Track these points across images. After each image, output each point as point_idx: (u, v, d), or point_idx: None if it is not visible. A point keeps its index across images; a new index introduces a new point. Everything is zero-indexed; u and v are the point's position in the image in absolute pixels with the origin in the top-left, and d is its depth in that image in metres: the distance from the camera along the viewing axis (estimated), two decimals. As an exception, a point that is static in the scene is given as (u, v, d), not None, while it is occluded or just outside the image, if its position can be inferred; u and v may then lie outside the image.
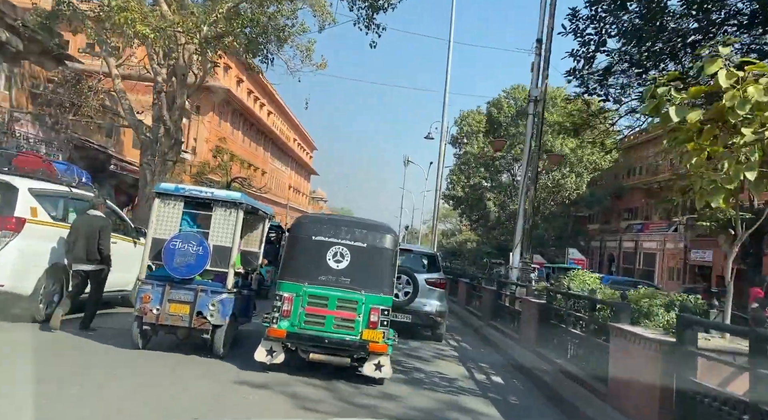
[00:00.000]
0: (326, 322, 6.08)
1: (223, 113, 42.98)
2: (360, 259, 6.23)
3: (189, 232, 6.52)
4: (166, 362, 6.23)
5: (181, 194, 6.61)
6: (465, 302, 15.26)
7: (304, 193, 75.91)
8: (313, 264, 6.21)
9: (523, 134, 41.33)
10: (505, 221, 44.13)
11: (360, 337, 6.06)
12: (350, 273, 6.17)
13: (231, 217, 6.49)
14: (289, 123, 63.72)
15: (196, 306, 6.24)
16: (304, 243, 6.34)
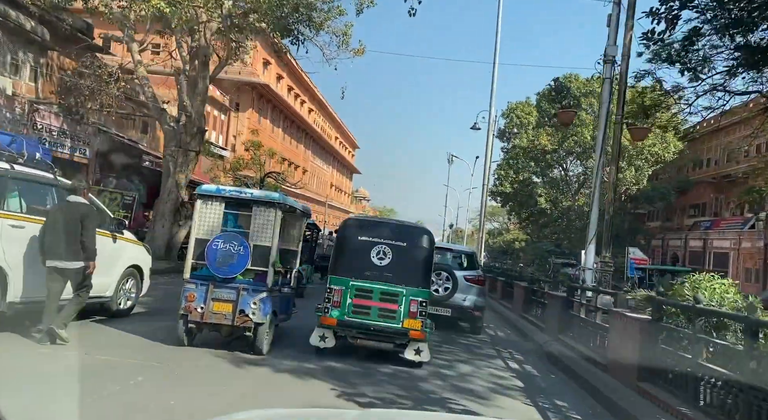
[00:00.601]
0: (371, 312, 6.80)
1: (263, 110, 41.69)
2: (400, 257, 6.94)
3: (230, 233, 6.59)
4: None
5: (222, 195, 6.73)
6: (522, 309, 12.83)
7: (346, 192, 74.36)
8: (359, 261, 6.91)
9: (578, 126, 38.27)
10: (557, 218, 41.03)
11: (401, 326, 6.75)
12: (392, 269, 6.87)
13: (270, 217, 6.60)
14: (330, 121, 62.21)
15: (238, 304, 6.38)
16: (351, 242, 7.10)
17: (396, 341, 6.94)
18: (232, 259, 6.41)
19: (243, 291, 6.42)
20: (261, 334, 6.49)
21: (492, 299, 18.10)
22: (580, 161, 41.65)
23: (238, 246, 6.43)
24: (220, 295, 6.42)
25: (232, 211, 6.77)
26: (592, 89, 40.02)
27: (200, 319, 6.40)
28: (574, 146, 38.27)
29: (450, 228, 62.24)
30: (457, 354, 8.61)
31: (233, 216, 6.79)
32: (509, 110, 43.26)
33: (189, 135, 16.34)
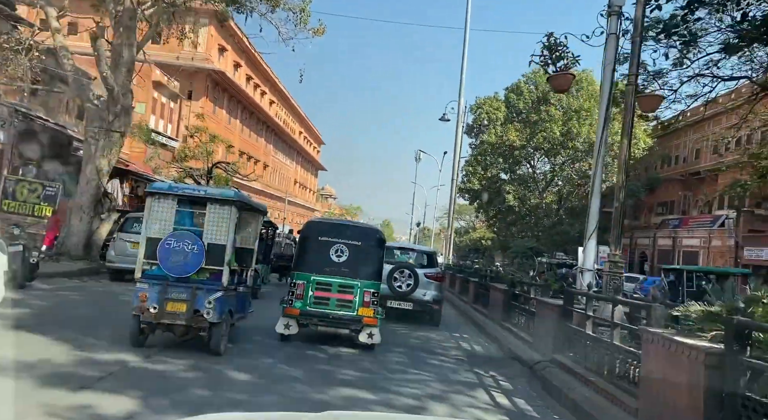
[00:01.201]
0: (330, 303, 7.70)
1: (218, 99, 38.81)
2: (355, 254, 7.83)
3: (184, 231, 6.39)
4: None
5: (175, 192, 6.53)
6: (502, 317, 10.77)
7: (311, 189, 71.64)
8: (320, 258, 7.76)
9: (546, 121, 36.81)
10: (525, 216, 39.55)
11: (356, 314, 7.68)
12: (348, 265, 7.77)
13: (225, 215, 6.39)
14: (293, 114, 59.46)
15: (193, 304, 6.17)
16: (313, 242, 8.01)
17: (351, 327, 7.72)
18: (185, 258, 6.22)
19: (197, 290, 6.22)
20: (216, 334, 6.32)
21: (464, 302, 16.05)
22: (548, 158, 40.34)
23: (192, 245, 6.24)
24: (174, 295, 6.20)
25: (186, 209, 6.58)
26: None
27: (153, 319, 6.18)
28: (542, 142, 36.82)
29: (417, 226, 60.37)
30: (428, 384, 6.47)
31: (187, 214, 6.61)
32: (477, 105, 41.50)
33: (112, 113, 13.73)
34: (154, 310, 6.09)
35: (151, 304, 6.10)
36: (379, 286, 7.94)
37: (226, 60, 39.83)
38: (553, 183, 42.03)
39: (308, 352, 7.40)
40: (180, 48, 37.07)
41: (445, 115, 26.90)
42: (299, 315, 7.54)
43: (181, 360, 6.06)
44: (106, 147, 13.86)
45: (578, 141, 35.66)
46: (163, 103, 31.42)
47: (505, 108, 40.62)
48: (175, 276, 6.22)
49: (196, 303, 6.14)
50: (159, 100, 30.94)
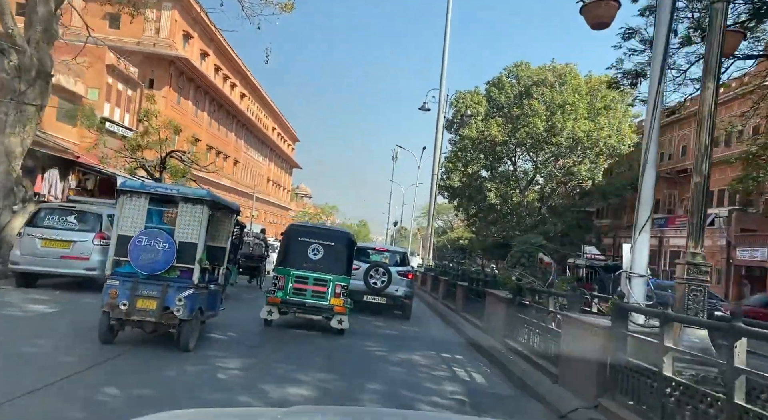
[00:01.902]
0: (307, 294, 8.78)
1: (183, 89, 35.87)
2: (329, 253, 8.94)
3: (155, 229, 6.35)
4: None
5: (146, 191, 6.47)
6: (506, 330, 8.41)
7: (285, 187, 68.76)
8: (299, 256, 8.89)
9: (528, 116, 34.84)
10: (507, 215, 37.55)
11: (329, 303, 8.73)
12: (322, 261, 8.86)
13: (197, 214, 6.35)
14: (267, 109, 56.61)
15: (163, 301, 6.16)
16: (293, 242, 9.10)
17: (324, 315, 8.93)
18: (156, 256, 6.19)
19: (168, 288, 6.20)
20: (186, 331, 6.32)
21: (450, 309, 13.72)
22: (531, 154, 38.45)
23: (163, 243, 6.22)
24: (144, 292, 6.17)
25: (157, 207, 6.61)
26: (545, 78, 36.93)
27: (124, 316, 6.14)
28: (525, 138, 34.85)
29: (394, 226, 58.05)
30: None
31: (158, 212, 6.66)
32: (457, 99, 39.34)
33: (24, 81, 11.01)
34: (124, 306, 6.07)
35: (121, 301, 6.08)
36: (348, 280, 9.06)
37: (192, 48, 36.93)
38: (534, 181, 40.23)
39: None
40: (141, 33, 34.22)
41: (425, 104, 24.66)
42: (280, 303, 8.72)
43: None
44: (17, 123, 11.14)
45: (562, 136, 33.78)
46: (120, 90, 28.43)
47: (486, 102, 38.62)
48: (145, 273, 6.22)
49: (166, 300, 6.14)
50: (114, 87, 27.94)
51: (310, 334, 8.80)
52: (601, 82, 34.85)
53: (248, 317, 9.51)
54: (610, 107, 34.63)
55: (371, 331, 10.00)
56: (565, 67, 36.71)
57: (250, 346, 7.42)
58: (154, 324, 6.19)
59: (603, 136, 33.15)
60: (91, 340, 6.22)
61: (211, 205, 6.54)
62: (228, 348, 7.18)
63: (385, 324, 11.21)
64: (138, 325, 6.28)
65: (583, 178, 34.38)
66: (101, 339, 6.22)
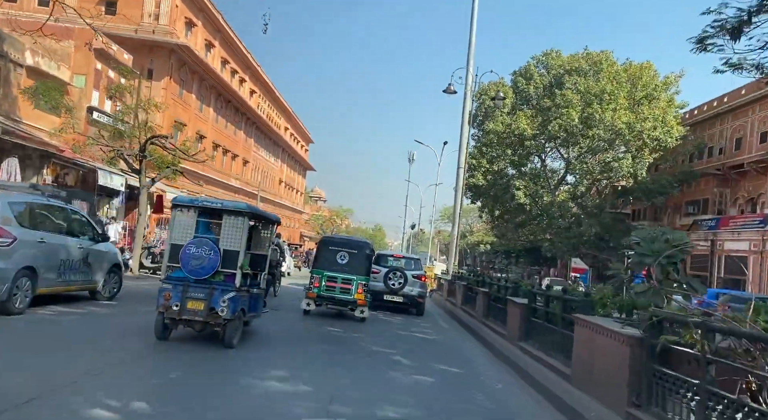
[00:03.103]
0: (336, 290, 10.95)
1: (186, 82, 32.72)
2: (353, 258, 11.18)
3: (202, 238, 6.88)
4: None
5: (195, 205, 7.10)
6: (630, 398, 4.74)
7: (298, 190, 65.48)
8: (330, 261, 11.16)
9: (561, 107, 30.99)
10: (537, 216, 33.64)
11: (353, 297, 10.92)
12: (348, 265, 11.09)
13: (238, 224, 6.92)
14: (278, 108, 53.44)
15: (210, 303, 6.66)
16: (325, 250, 11.39)
17: (349, 306, 11.05)
18: (203, 262, 6.71)
19: (214, 291, 6.69)
20: (230, 330, 6.81)
21: (498, 335, 10.02)
22: (563, 149, 34.58)
23: (209, 250, 6.73)
24: (193, 295, 6.68)
25: (205, 219, 7.12)
26: (578, 66, 33.10)
27: (176, 315, 6.66)
28: (558, 131, 30.98)
29: (412, 228, 54.37)
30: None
31: (205, 223, 7.14)
32: (481, 92, 35.60)
33: None
34: (176, 307, 6.60)
35: (174, 303, 6.61)
36: (368, 279, 11.41)
37: (196, 37, 33.82)
38: (564, 180, 36.32)
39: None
40: (139, 20, 31.21)
41: (450, 85, 21.05)
42: (316, 297, 11.03)
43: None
44: None
45: (600, 128, 29.88)
46: (111, 78, 25.32)
47: (513, 94, 34.88)
48: (194, 278, 6.71)
49: (212, 302, 6.63)
50: (104, 74, 24.81)
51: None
52: (643, 68, 30.98)
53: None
54: (653, 96, 30.68)
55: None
56: (601, 55, 32.84)
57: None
58: (201, 323, 6.76)
59: (647, 127, 29.19)
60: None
61: (251, 216, 7.12)
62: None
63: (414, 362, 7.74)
64: (188, 324, 6.84)
65: (625, 174, 30.39)
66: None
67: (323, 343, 8.36)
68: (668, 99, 30.61)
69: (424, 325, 12.36)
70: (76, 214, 8.88)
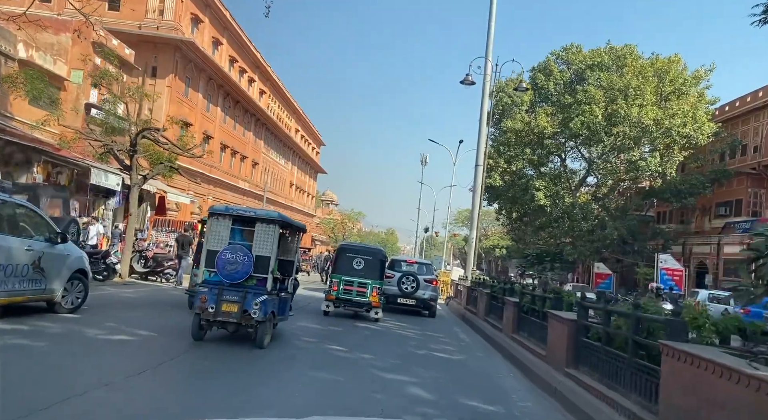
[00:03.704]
0: (353, 292, 11.83)
1: (192, 79, 31.40)
2: (368, 264, 12.05)
3: (236, 245, 7.18)
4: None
5: (230, 213, 7.40)
6: None
7: (310, 193, 64.05)
8: (347, 266, 12.03)
9: (583, 103, 29.11)
10: (559, 218, 31.67)
11: (368, 299, 11.82)
12: (363, 270, 11.93)
13: (270, 232, 7.23)
14: (289, 110, 52.10)
15: (243, 305, 6.93)
16: (343, 256, 12.25)
17: (365, 308, 11.92)
18: (238, 267, 7.00)
19: (247, 294, 6.97)
20: (262, 331, 7.09)
21: (544, 359, 8.27)
22: (586, 148, 32.63)
23: (243, 256, 7.03)
24: (228, 297, 6.95)
25: (239, 227, 7.40)
26: (600, 61, 31.20)
27: (211, 317, 6.94)
28: (580, 128, 29.05)
29: (426, 232, 52.58)
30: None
31: (239, 231, 7.41)
32: (498, 89, 33.79)
33: None
34: (212, 309, 6.89)
35: (210, 305, 6.90)
36: (382, 283, 12.22)
37: (202, 34, 32.52)
38: (585, 181, 34.34)
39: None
40: (143, 16, 29.98)
41: (468, 76, 19.35)
42: (335, 300, 11.84)
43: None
44: None
45: (625, 125, 27.94)
46: (98, 65, 23.97)
47: (532, 91, 33.04)
48: (229, 282, 7.00)
49: (245, 304, 6.92)
50: (104, 69, 23.48)
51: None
52: (671, 62, 28.99)
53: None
54: (682, 91, 28.66)
55: None
56: (624, 49, 30.92)
57: None
58: (235, 324, 7.08)
59: (676, 123, 27.18)
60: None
61: (282, 224, 7.53)
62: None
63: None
64: (222, 326, 7.16)
65: (652, 173, 28.38)
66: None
67: (324, 368, 6.72)
68: (698, 94, 28.57)
69: (443, 340, 10.67)
70: (23, 209, 7.32)
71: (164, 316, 9.16)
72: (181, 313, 9.32)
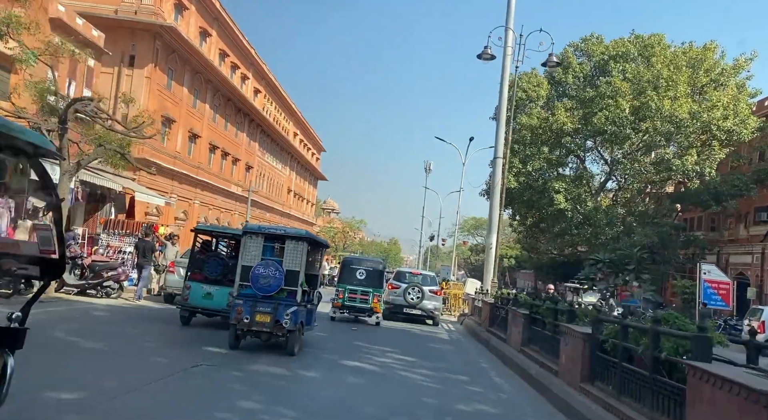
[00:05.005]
0: (357, 300, 13.26)
1: (175, 71, 28.10)
2: (369, 274, 13.54)
3: (269, 260, 7.69)
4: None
5: (263, 232, 8.03)
6: None
7: (309, 201, 60.58)
8: (351, 276, 13.52)
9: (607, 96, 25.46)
10: (581, 224, 28.06)
11: (370, 306, 13.27)
12: (365, 280, 13.41)
13: (299, 248, 7.75)
14: (287, 112, 48.84)
15: (275, 316, 7.44)
16: (348, 268, 13.87)
17: (367, 313, 13.38)
18: (270, 281, 7.52)
19: (279, 305, 7.48)
20: (292, 339, 7.58)
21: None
22: (603, 149, 29.18)
23: (275, 271, 7.54)
24: (261, 309, 7.46)
25: (270, 244, 7.91)
26: (626, 50, 27.84)
27: (246, 327, 7.49)
28: (605, 123, 25.60)
29: (431, 240, 48.97)
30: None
31: (270, 247, 7.92)
32: (511, 84, 30.30)
33: None
34: (247, 320, 7.40)
35: (245, 316, 7.39)
36: (382, 291, 13.75)
37: (188, 23, 29.28)
38: (607, 183, 30.82)
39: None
40: (119, 0, 26.82)
41: (487, 49, 15.97)
42: (341, 306, 13.28)
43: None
44: None
45: (657, 119, 24.48)
46: (89, 66, 20.69)
47: (548, 85, 29.70)
48: (262, 294, 7.52)
49: (277, 315, 7.40)
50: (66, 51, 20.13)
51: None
52: (707, 50, 25.59)
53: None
54: (719, 82, 25.24)
55: None
56: (652, 38, 27.55)
57: None
58: (268, 334, 7.56)
59: (716, 117, 23.69)
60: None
61: (309, 242, 8.00)
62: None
63: None
64: (256, 335, 7.66)
65: (689, 173, 24.82)
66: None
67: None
68: (739, 85, 25.12)
69: (471, 388, 7.08)
70: None
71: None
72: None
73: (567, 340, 6.91)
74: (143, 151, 25.55)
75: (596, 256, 7.59)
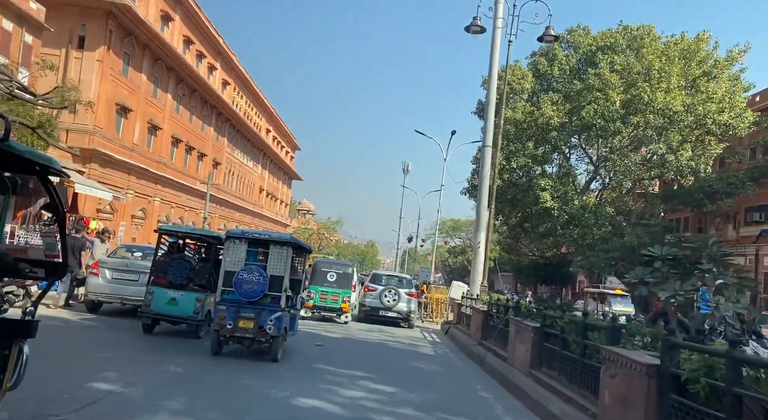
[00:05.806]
0: (327, 301, 14.09)
1: (133, 56, 25.43)
2: (339, 276, 14.36)
3: (252, 265, 7.50)
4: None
5: (246, 236, 7.75)
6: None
7: (283, 201, 57.88)
8: (322, 278, 14.21)
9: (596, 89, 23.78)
10: (567, 224, 26.31)
11: (339, 306, 14.14)
12: (336, 282, 14.20)
13: (283, 253, 7.58)
14: (259, 107, 46.24)
15: (258, 321, 7.27)
16: (318, 271, 14.41)
17: (337, 313, 14.25)
18: (254, 286, 7.32)
19: (262, 311, 7.31)
20: (276, 345, 7.45)
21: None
22: (593, 145, 27.56)
23: (259, 276, 7.36)
24: (244, 314, 7.27)
25: (254, 249, 7.75)
26: (614, 41, 26.30)
27: (229, 333, 7.31)
28: (593, 117, 23.91)
29: (409, 241, 46.86)
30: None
31: (254, 252, 7.76)
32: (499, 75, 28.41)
33: None
34: (230, 326, 7.25)
35: (228, 321, 7.25)
36: (350, 293, 14.60)
37: (146, 5, 26.64)
38: (594, 180, 29.22)
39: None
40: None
41: (476, 19, 13.95)
42: (312, 306, 13.89)
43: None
44: None
45: (648, 112, 22.89)
46: (5, 29, 17.97)
47: (533, 78, 27.96)
48: (245, 300, 7.32)
49: (260, 320, 7.25)
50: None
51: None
52: (700, 40, 24.15)
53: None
54: (712, 75, 23.81)
55: None
56: (641, 29, 26.04)
57: None
58: (251, 340, 7.37)
59: (712, 110, 22.20)
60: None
61: (294, 246, 7.80)
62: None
63: None
64: (239, 341, 7.49)
65: (683, 169, 23.26)
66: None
67: None
68: (733, 77, 23.74)
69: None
70: None
71: None
72: None
73: (614, 371, 4.80)
74: (93, 140, 22.88)
75: (651, 251, 5.47)
